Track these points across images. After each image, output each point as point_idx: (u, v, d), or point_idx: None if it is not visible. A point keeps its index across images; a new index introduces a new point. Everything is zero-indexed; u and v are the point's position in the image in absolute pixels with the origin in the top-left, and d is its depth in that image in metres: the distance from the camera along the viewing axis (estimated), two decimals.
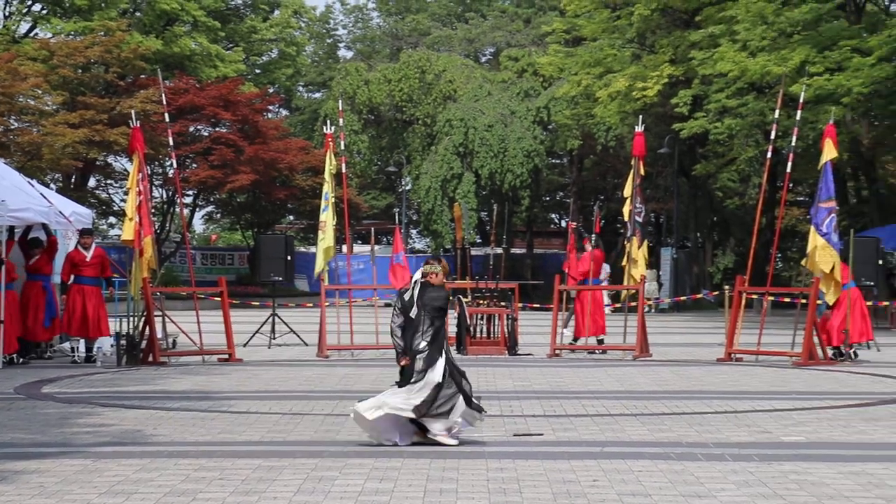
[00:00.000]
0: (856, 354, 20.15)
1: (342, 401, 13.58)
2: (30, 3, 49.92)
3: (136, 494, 8.08)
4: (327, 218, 20.90)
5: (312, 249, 49.24)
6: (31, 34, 48.96)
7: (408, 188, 56.50)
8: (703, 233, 52.54)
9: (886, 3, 42.03)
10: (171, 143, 22.60)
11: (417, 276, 10.59)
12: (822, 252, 18.79)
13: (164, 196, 48.23)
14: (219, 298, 20.69)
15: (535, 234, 61.98)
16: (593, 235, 22.17)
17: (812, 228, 19.16)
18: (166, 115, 22.96)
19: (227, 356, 19.46)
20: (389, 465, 9.21)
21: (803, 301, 20.80)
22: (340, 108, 27.27)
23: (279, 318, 23.65)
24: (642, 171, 21.04)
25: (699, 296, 42.06)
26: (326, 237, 20.88)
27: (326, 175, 21.20)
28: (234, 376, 16.83)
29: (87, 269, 18.98)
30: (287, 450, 9.94)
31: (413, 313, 10.34)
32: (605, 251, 47.51)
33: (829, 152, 19.22)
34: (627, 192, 20.99)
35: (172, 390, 14.89)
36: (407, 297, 10.41)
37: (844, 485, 8.47)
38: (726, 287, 26.54)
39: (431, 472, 8.88)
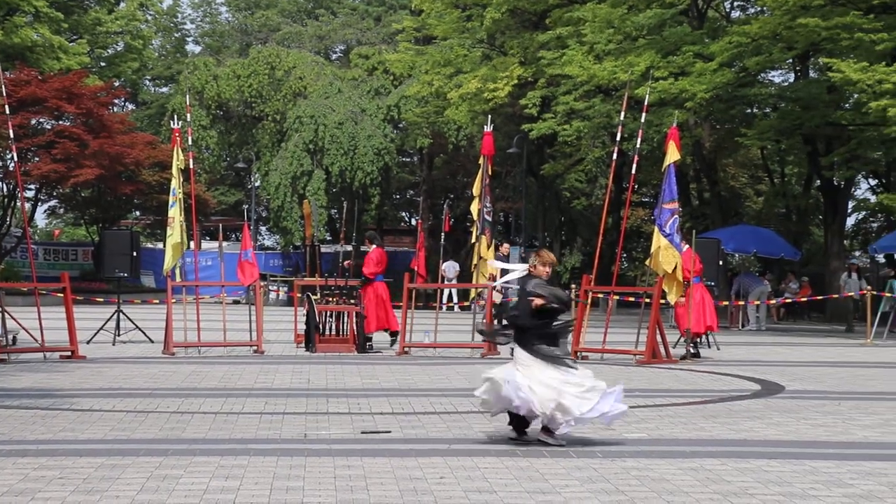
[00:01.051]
0: (697, 352, 20.60)
1: (188, 398, 13.43)
2: None
3: None
4: (175, 214, 20.65)
5: (159, 245, 48.60)
6: None
7: (257, 185, 56.06)
8: (550, 232, 53.15)
9: (727, 10, 43.17)
10: (11, 135, 22.04)
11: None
12: (665, 252, 19.18)
13: (5, 190, 46.99)
14: (61, 294, 20.25)
15: (385, 231, 62.02)
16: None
17: (656, 229, 19.54)
18: (6, 107, 22.35)
19: (69, 353, 19.07)
20: (236, 462, 9.13)
21: (647, 300, 21.22)
22: (188, 103, 26.96)
23: (124, 314, 23.27)
24: (490, 171, 21.22)
25: None
26: (175, 233, 20.62)
27: (174, 170, 20.93)
28: (77, 374, 16.50)
29: None
30: (131, 448, 9.78)
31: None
32: (454, 250, 47.91)
33: (673, 155, 19.63)
34: (476, 190, 21.15)
35: (12, 388, 14.52)
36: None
37: (684, 480, 8.67)
38: (573, 286, 26.90)
39: (278, 470, 8.84)
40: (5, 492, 7.95)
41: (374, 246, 21.90)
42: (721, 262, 26.28)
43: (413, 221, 64.78)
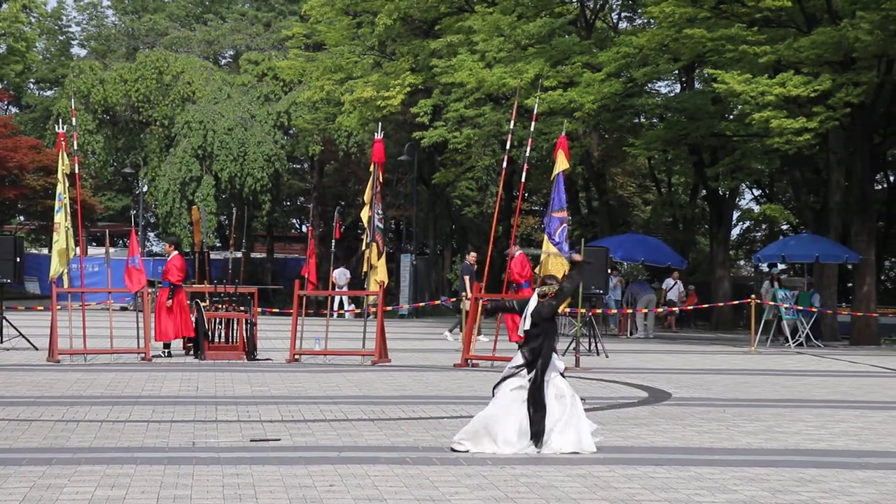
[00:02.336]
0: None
1: (73, 406, 13.22)
2: None
3: None
4: (61, 219, 20.31)
5: (44, 251, 47.71)
6: None
7: (145, 190, 55.37)
8: (441, 240, 53.35)
9: (615, 21, 43.72)
10: None
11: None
12: (554, 260, 19.30)
13: None
14: None
15: (275, 238, 61.72)
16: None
17: (545, 237, 19.69)
18: None
19: None
20: (122, 471, 9.00)
21: None
22: (73, 107, 26.55)
23: (7, 321, 22.83)
24: (381, 178, 21.21)
25: (437, 302, 42.67)
26: (61, 239, 20.29)
27: (59, 175, 20.60)
28: None
29: None
30: (13, 457, 9.59)
31: None
32: (345, 257, 47.78)
33: (562, 164, 19.79)
34: (367, 198, 21.12)
35: None
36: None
37: (573, 487, 8.75)
38: (462, 294, 26.99)
39: (165, 479, 8.74)
40: None
41: (175, 252, 21.60)
42: (609, 271, 26.58)
43: (304, 228, 64.54)
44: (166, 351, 21.09)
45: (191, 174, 49.44)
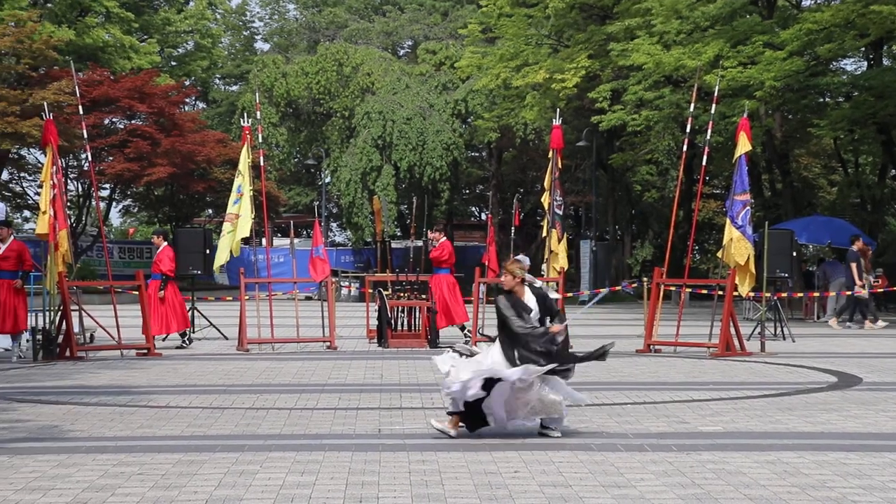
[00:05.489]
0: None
1: (262, 394, 13.54)
2: None
3: (53, 490, 7.99)
4: (239, 210, 20.74)
5: None
6: None
7: (327, 181, 56.29)
8: (621, 225, 52.94)
9: None
10: (85, 135, 22.34)
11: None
12: (737, 244, 19.02)
13: (80, 189, 47.63)
14: (136, 292, 20.47)
15: (455, 226, 62.06)
16: None
17: (728, 221, 19.39)
18: (80, 107, 22.60)
19: (145, 350, 19.29)
20: (311, 458, 9.19)
21: (720, 293, 21.06)
22: (258, 101, 27.10)
23: (198, 311, 23.47)
24: (560, 164, 21.14)
25: (618, 288, 42.39)
26: (236, 229, 20.74)
27: (242, 167, 21.03)
28: (154, 371, 16.68)
29: (1, 263, 18.64)
30: (207, 444, 9.87)
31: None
32: (525, 244, 47.81)
33: (744, 145, 19.46)
34: (547, 184, 21.09)
35: (90, 385, 14.72)
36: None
37: (761, 473, 8.60)
38: (645, 279, 26.77)
39: (353, 465, 8.88)
40: (86, 487, 8.07)
41: (165, 244, 21.74)
42: (794, 254, 25.99)
43: (483, 216, 64.73)
44: (185, 340, 21.26)
45: (371, 164, 50.06)
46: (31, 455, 9.33)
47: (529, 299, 10.57)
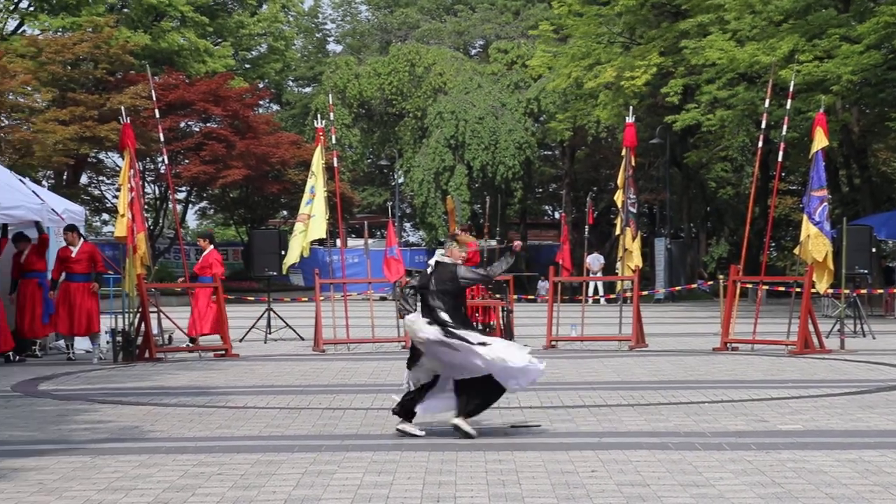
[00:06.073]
0: None
1: (339, 395, 13.61)
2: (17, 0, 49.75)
3: (135, 490, 8.09)
4: (312, 211, 20.81)
5: None
6: (19, 31, 48.80)
7: (400, 181, 56.49)
8: (696, 223, 52.57)
9: None
10: (161, 138, 22.55)
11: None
12: (815, 241, 18.82)
13: (157, 192, 48.21)
14: (214, 294, 20.66)
15: (528, 225, 62.00)
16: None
17: (805, 217, 19.19)
18: (156, 111, 22.85)
19: (223, 352, 19.46)
20: (388, 458, 9.22)
21: (798, 290, 20.84)
22: (331, 103, 27.26)
23: (274, 312, 23.64)
24: (633, 162, 21.04)
25: (694, 286, 42.11)
26: (308, 230, 20.82)
27: (315, 168, 21.09)
28: (231, 371, 16.83)
29: (74, 266, 18.90)
30: (285, 444, 9.94)
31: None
32: (599, 242, 47.63)
33: (820, 141, 19.25)
34: (620, 182, 21.01)
35: (169, 386, 14.89)
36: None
37: (842, 472, 8.50)
38: (720, 277, 26.57)
39: (430, 465, 8.90)
40: (167, 488, 8.16)
41: (211, 247, 21.75)
42: (874, 249, 25.65)
43: (556, 215, 64.59)
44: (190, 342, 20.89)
45: (444, 164, 50.17)
46: (113, 455, 9.46)
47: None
